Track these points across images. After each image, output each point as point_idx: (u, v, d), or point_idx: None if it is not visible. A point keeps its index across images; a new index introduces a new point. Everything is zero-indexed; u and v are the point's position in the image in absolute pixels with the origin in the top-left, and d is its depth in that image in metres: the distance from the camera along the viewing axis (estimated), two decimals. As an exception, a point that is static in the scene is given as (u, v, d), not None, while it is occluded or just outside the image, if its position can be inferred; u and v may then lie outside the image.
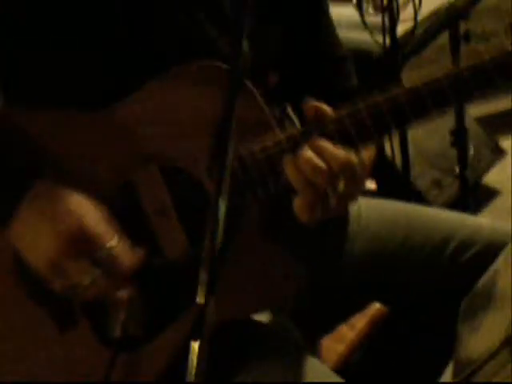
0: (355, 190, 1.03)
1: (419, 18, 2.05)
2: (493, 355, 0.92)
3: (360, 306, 1.34)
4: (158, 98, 1.04)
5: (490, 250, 1.26)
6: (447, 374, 1.40)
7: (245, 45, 0.87)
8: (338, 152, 0.98)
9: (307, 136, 0.99)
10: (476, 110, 3.31)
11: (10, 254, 1.04)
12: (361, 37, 2.30)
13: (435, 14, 2.23)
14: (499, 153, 3.00)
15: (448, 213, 1.45)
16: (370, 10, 2.22)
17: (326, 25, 1.28)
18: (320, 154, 0.97)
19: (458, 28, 2.27)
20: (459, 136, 2.41)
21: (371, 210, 1.38)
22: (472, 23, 2.46)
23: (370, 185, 1.18)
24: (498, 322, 0.97)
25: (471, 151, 2.58)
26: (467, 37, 2.37)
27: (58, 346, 1.05)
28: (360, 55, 2.06)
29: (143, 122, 1.05)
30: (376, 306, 1.33)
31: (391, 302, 1.34)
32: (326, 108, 1.01)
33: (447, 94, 1.03)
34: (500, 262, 1.12)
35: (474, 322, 1.04)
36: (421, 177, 2.74)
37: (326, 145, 0.98)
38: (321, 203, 0.97)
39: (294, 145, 0.99)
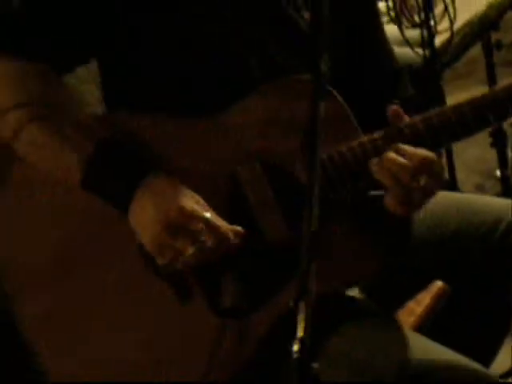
0: (436, 184, 1.21)
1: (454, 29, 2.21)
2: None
3: (424, 284, 1.51)
4: (258, 107, 1.25)
5: None
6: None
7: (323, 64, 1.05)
8: (418, 151, 1.18)
9: (388, 138, 1.19)
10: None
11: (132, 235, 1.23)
12: (400, 51, 2.48)
13: (468, 25, 2.39)
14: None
15: (495, 198, 1.62)
16: (406, 24, 2.35)
17: (383, 39, 1.46)
18: (402, 154, 1.17)
19: (490, 38, 2.44)
20: (498, 137, 2.55)
21: None
22: (501, 33, 2.62)
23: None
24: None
25: (510, 152, 2.71)
26: (499, 46, 2.53)
27: (178, 316, 1.23)
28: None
29: (245, 127, 1.24)
30: (438, 284, 1.48)
31: (451, 279, 1.51)
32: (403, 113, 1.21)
33: (506, 106, 1.23)
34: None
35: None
36: (464, 183, 2.87)
37: (406, 146, 1.18)
38: (408, 197, 1.17)
39: (377, 146, 1.19)
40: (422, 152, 1.18)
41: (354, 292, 1.32)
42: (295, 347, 0.82)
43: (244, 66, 1.28)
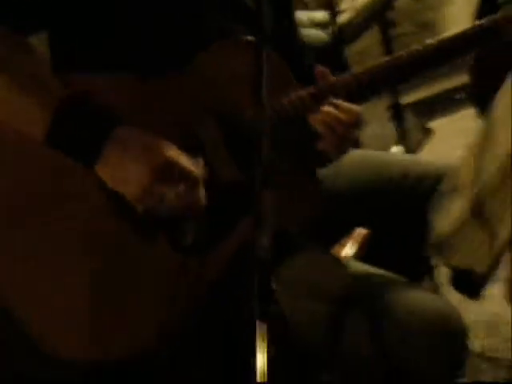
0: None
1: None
2: (457, 229, 1.28)
3: (348, 230, 1.71)
4: (209, 66, 1.40)
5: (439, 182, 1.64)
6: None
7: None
8: (352, 106, 1.38)
9: (323, 92, 1.37)
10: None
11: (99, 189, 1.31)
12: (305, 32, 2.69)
13: (368, 5, 2.61)
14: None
15: (402, 155, 1.84)
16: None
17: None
18: (337, 108, 1.36)
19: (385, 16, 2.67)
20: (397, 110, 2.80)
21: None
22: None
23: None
24: (459, 203, 1.33)
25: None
26: (393, 23, 2.76)
27: (142, 258, 1.35)
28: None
29: (199, 82, 1.40)
30: (360, 231, 1.68)
31: (372, 225, 1.71)
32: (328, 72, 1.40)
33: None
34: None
35: (441, 210, 1.41)
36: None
37: (341, 102, 1.40)
38: (339, 144, 1.36)
39: (313, 98, 1.40)
40: (355, 108, 1.38)
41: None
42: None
43: (199, 29, 1.43)
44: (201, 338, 1.35)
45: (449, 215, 1.36)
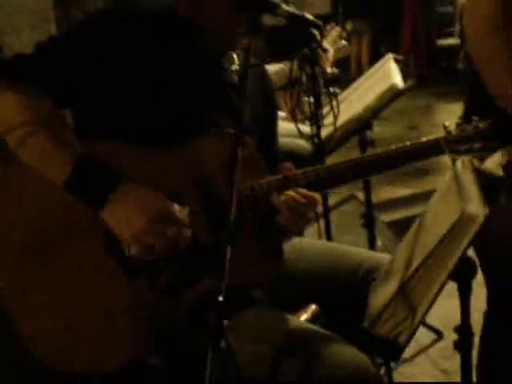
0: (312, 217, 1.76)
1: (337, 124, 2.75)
2: (387, 304, 1.56)
3: (302, 305, 1.98)
4: (201, 149, 1.74)
5: None
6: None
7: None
8: (309, 192, 1.71)
9: (286, 180, 1.73)
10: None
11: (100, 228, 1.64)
12: (293, 141, 3.04)
13: (348, 122, 2.95)
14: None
15: (356, 248, 2.13)
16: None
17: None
18: (298, 193, 1.70)
19: (365, 135, 3.01)
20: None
21: (308, 244, 2.07)
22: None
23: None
24: (390, 286, 1.61)
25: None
26: (372, 143, 3.09)
27: (126, 290, 1.66)
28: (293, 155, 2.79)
29: (192, 160, 1.73)
30: (313, 306, 1.94)
31: (323, 304, 1.98)
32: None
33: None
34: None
35: (376, 292, 1.68)
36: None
37: (301, 189, 1.74)
38: (297, 220, 1.66)
39: (279, 184, 1.75)
40: (311, 194, 1.69)
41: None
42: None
43: (199, 120, 1.78)
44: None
45: (382, 294, 1.63)
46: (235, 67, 1.93)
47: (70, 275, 1.67)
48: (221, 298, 1.25)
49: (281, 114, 2.93)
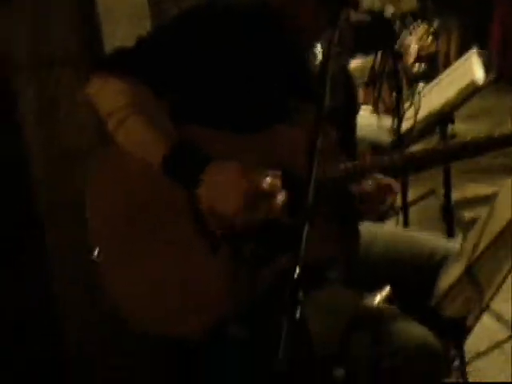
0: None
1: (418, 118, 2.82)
2: (453, 284, 1.63)
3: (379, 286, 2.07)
4: (282, 134, 1.87)
5: None
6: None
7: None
8: (390, 179, 1.82)
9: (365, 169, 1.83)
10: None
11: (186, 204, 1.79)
12: (373, 133, 3.13)
13: (429, 116, 3.01)
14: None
15: (431, 236, 2.20)
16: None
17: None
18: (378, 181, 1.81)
19: (446, 129, 3.05)
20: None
21: (383, 229, 2.16)
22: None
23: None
24: (458, 269, 1.69)
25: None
26: (453, 137, 3.13)
27: (207, 262, 1.80)
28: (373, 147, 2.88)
29: (278, 144, 1.85)
30: (387, 288, 2.03)
31: (396, 289, 2.06)
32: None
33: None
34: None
35: (445, 274, 1.76)
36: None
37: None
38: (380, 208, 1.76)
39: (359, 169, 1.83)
40: (388, 181, 1.79)
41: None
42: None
43: (281, 106, 1.91)
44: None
45: (450, 276, 1.71)
46: (319, 59, 2.04)
47: (161, 251, 1.83)
48: (297, 273, 1.34)
49: (363, 108, 3.01)
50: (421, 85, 3.23)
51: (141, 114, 1.81)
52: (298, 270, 1.34)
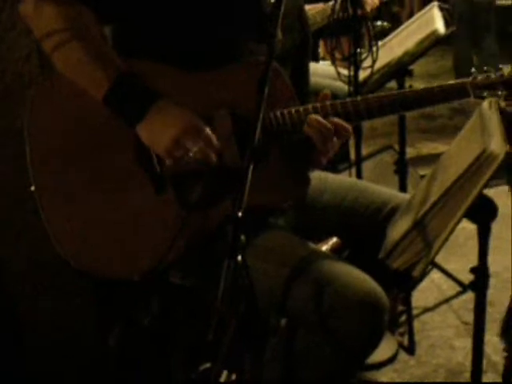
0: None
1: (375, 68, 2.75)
2: (403, 237, 1.59)
3: (324, 236, 2.02)
4: (234, 74, 1.78)
5: None
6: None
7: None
8: (339, 120, 1.72)
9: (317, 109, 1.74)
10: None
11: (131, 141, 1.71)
12: (331, 83, 3.05)
13: (386, 66, 2.95)
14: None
15: (381, 187, 2.15)
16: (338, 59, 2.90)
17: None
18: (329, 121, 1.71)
19: (404, 81, 2.99)
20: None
21: (333, 177, 2.10)
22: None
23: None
24: (407, 221, 1.64)
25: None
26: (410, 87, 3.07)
27: (152, 203, 1.73)
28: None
29: (224, 84, 1.77)
30: (334, 239, 1.98)
31: (345, 238, 2.02)
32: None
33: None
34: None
35: (394, 226, 1.71)
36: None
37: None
38: (328, 149, 1.69)
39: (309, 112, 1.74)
40: (342, 122, 1.73)
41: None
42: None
43: (234, 45, 1.83)
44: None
45: (399, 228, 1.66)
46: None
47: (100, 185, 1.75)
48: (239, 214, 1.28)
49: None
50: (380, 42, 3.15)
51: (79, 40, 1.71)
52: (239, 213, 1.29)
